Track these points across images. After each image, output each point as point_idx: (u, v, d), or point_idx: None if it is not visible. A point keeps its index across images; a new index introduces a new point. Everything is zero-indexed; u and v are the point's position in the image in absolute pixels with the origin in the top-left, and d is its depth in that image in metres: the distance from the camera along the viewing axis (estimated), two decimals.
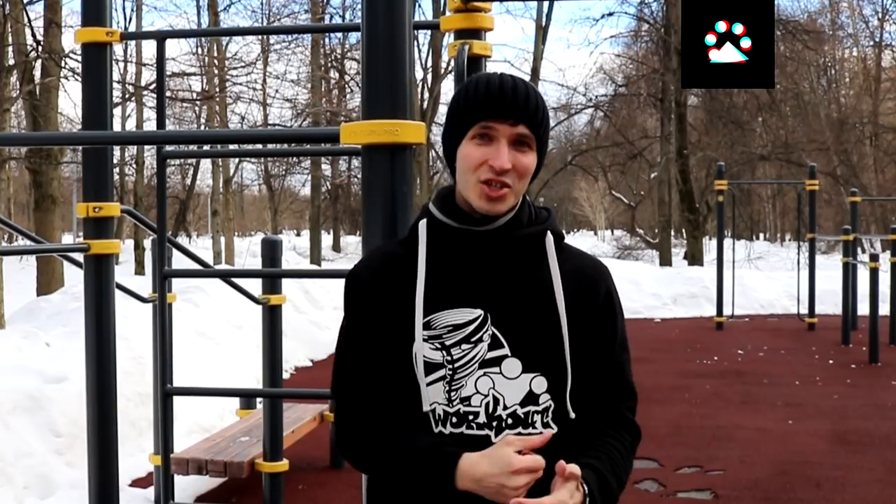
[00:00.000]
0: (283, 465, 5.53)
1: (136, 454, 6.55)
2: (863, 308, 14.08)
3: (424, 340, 1.79)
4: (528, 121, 1.77)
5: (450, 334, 1.79)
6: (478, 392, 1.78)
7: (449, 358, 1.78)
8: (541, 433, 1.78)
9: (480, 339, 1.78)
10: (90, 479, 3.76)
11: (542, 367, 1.79)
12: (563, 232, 1.93)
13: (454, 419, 1.78)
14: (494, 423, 1.77)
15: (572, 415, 1.80)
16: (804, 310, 14.61)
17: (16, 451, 5.80)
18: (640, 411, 1.96)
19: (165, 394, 3.95)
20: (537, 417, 1.79)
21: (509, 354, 1.78)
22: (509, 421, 1.78)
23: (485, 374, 1.78)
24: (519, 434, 1.77)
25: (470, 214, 1.82)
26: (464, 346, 1.78)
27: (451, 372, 1.78)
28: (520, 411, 1.78)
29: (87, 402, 3.77)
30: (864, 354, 11.22)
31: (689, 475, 6.38)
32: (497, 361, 1.78)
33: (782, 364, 10.91)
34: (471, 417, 1.78)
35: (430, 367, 1.79)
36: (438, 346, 1.79)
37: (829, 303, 15.68)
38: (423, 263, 1.83)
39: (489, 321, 1.79)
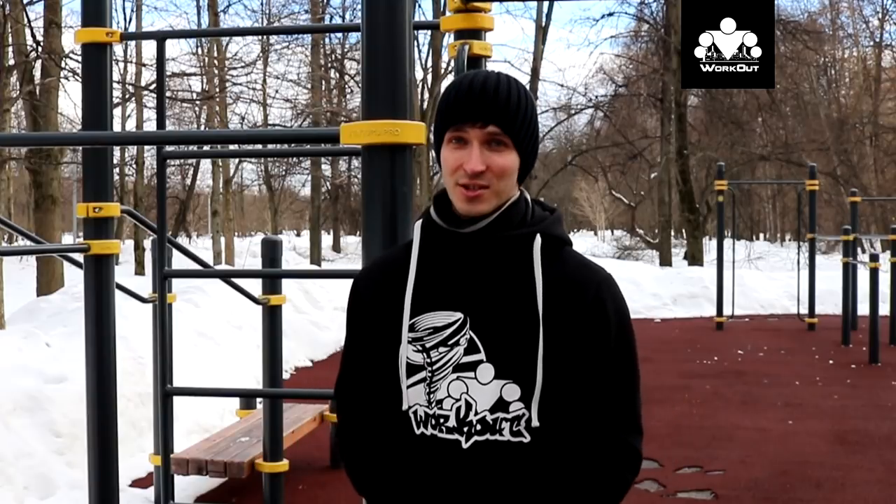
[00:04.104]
0: (283, 465, 5.53)
1: (136, 454, 6.55)
2: (863, 308, 14.08)
3: (409, 342, 1.80)
4: (498, 120, 1.74)
5: (430, 336, 1.79)
6: (450, 396, 1.77)
7: (429, 360, 1.79)
8: (508, 441, 1.76)
9: (457, 343, 1.77)
10: (90, 480, 3.77)
11: (515, 374, 1.74)
12: (566, 236, 1.86)
13: (432, 421, 1.78)
14: (465, 429, 1.76)
15: (535, 423, 1.75)
16: (804, 310, 14.61)
17: (16, 452, 5.80)
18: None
19: (165, 394, 3.95)
20: (506, 425, 1.76)
21: (484, 360, 1.76)
22: (478, 427, 1.76)
23: (458, 378, 1.77)
24: (487, 441, 1.76)
25: (459, 216, 1.81)
26: (441, 349, 1.78)
27: (430, 374, 1.78)
28: (489, 418, 1.75)
29: (87, 402, 3.78)
30: (865, 354, 11.23)
31: (689, 475, 6.38)
32: (472, 366, 1.76)
33: (782, 364, 10.91)
34: (442, 421, 1.77)
35: (412, 369, 1.79)
36: (420, 348, 1.79)
37: (829, 303, 15.68)
38: (413, 265, 1.83)
39: (468, 325, 1.77)
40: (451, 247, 1.81)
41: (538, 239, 1.80)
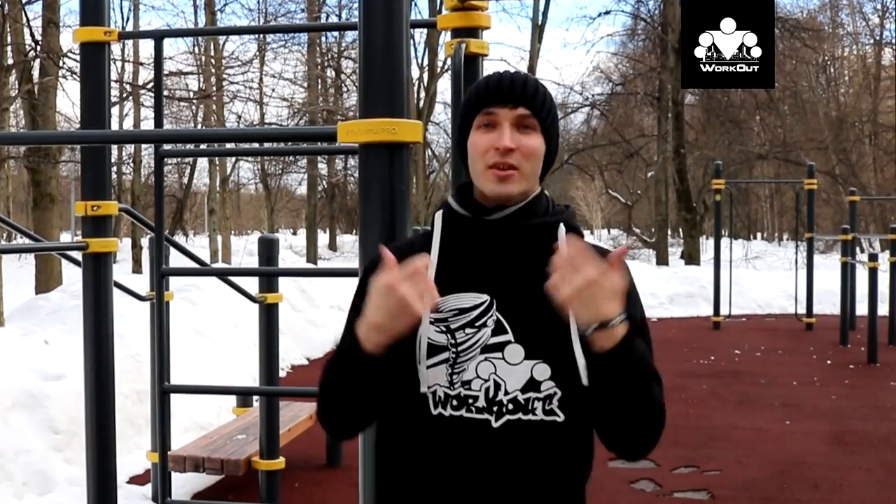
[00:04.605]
0: (279, 462, 5.54)
1: (133, 451, 6.56)
2: (861, 308, 14.08)
3: (431, 323, 1.82)
4: (528, 103, 1.83)
5: (455, 318, 1.82)
6: (478, 377, 1.80)
7: (453, 341, 1.82)
8: (541, 420, 1.79)
9: (484, 325, 1.81)
10: (88, 476, 3.77)
11: (545, 354, 1.80)
12: (580, 229, 1.94)
13: (455, 402, 1.81)
14: (495, 409, 1.80)
15: (585, 381, 1.78)
16: (802, 310, 14.62)
17: (15, 448, 5.81)
18: None
19: (163, 391, 3.95)
20: (538, 404, 1.80)
21: (512, 340, 1.80)
22: (510, 406, 1.79)
23: (486, 358, 1.80)
24: (519, 420, 1.79)
25: (483, 206, 1.87)
26: (467, 331, 1.82)
27: (454, 355, 1.82)
28: (520, 397, 1.79)
29: (85, 399, 3.78)
30: (863, 355, 11.23)
31: (685, 475, 6.39)
32: (500, 347, 1.80)
33: (780, 364, 10.92)
34: (470, 401, 1.80)
35: (434, 350, 1.82)
36: (444, 329, 1.82)
37: (828, 303, 15.70)
38: (435, 249, 1.87)
39: (494, 307, 1.82)
40: (476, 233, 1.87)
41: (562, 227, 1.87)
